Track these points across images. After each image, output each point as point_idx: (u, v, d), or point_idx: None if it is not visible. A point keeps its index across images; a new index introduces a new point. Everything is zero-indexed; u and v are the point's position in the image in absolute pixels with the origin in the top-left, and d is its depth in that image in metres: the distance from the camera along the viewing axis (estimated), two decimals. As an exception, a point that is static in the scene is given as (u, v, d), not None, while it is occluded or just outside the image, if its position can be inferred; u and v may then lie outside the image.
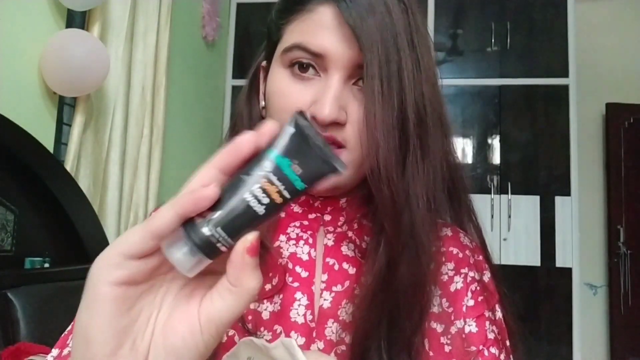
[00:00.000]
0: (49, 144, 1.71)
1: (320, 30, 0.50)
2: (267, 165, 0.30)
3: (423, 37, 0.51)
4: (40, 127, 1.67)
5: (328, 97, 0.49)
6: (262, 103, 0.58)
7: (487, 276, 0.58)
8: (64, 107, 1.80)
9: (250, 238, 0.31)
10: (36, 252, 1.59)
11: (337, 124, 0.50)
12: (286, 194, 0.31)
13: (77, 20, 1.81)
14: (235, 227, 0.30)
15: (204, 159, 0.32)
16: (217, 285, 0.32)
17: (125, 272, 0.30)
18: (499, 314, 0.57)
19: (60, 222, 1.67)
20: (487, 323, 0.54)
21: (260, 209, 0.30)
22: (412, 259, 0.49)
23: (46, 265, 1.58)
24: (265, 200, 0.30)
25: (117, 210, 1.97)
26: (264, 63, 0.59)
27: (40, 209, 1.62)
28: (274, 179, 0.30)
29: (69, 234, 1.69)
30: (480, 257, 0.59)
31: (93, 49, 1.69)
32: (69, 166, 1.72)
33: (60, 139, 1.79)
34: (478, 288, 0.56)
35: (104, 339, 0.30)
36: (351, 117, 0.50)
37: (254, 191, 0.30)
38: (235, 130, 0.60)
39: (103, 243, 1.81)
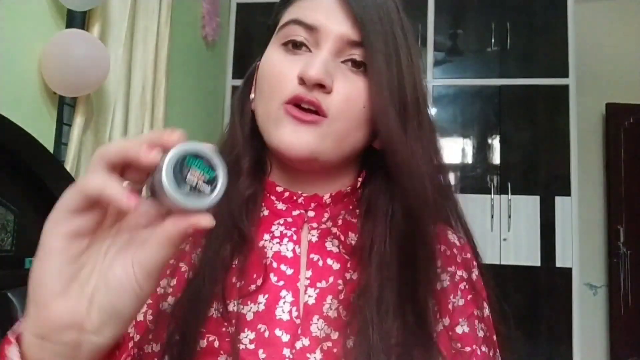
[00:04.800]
0: (49, 144, 1.71)
1: (317, 8, 0.53)
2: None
3: (412, 35, 0.55)
4: (40, 127, 1.67)
5: (317, 60, 0.51)
6: (252, 95, 0.59)
7: (475, 274, 0.59)
8: (64, 107, 1.80)
9: None
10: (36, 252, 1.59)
11: (323, 89, 0.51)
12: None
13: (77, 20, 1.81)
14: None
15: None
16: (148, 237, 0.37)
17: (70, 226, 0.36)
18: (486, 311, 0.58)
19: (60, 222, 1.66)
20: (477, 322, 0.56)
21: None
22: (426, 218, 0.52)
23: (46, 265, 1.58)
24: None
25: (117, 210, 1.97)
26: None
27: (40, 209, 1.62)
28: None
29: (69, 234, 1.69)
30: (468, 255, 0.60)
31: (93, 49, 1.69)
32: (69, 166, 1.72)
33: (60, 139, 1.78)
34: (467, 286, 0.57)
35: (53, 283, 0.35)
36: (337, 89, 0.52)
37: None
38: (230, 127, 0.61)
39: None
